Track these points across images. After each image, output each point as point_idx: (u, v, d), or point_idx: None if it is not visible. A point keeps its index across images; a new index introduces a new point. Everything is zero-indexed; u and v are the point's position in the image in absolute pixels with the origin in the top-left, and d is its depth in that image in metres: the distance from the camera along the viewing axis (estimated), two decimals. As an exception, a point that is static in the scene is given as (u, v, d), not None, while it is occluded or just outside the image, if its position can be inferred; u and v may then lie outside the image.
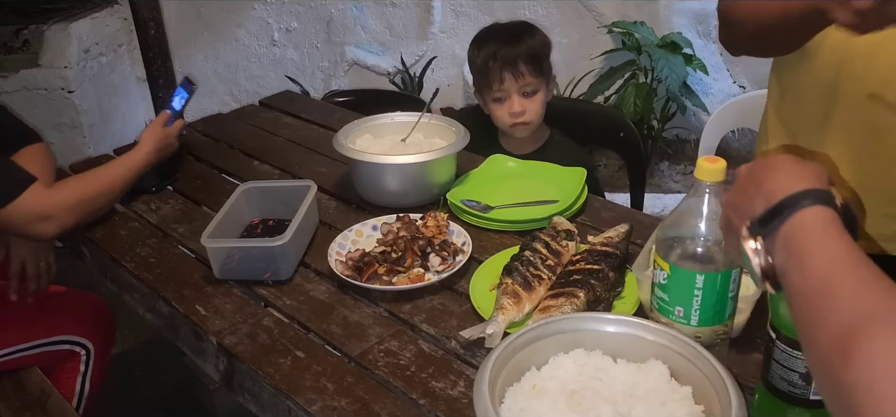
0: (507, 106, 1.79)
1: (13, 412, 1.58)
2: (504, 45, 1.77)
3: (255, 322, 1.24)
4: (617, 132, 2.07)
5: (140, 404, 2.44)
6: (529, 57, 1.76)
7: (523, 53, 1.76)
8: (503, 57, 1.75)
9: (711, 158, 0.93)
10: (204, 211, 1.64)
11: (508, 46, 1.76)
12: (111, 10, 3.84)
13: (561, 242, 1.31)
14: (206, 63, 4.29)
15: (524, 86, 1.77)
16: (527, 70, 1.75)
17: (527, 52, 1.76)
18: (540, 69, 1.78)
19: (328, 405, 1.05)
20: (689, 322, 0.97)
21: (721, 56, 3.75)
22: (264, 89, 3.90)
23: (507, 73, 1.75)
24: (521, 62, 1.75)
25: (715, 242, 0.94)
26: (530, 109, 1.79)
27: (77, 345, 1.72)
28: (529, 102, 1.79)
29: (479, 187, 1.60)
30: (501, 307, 1.15)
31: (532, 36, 1.81)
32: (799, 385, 0.87)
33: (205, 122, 2.18)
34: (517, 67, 1.75)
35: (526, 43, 1.78)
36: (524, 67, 1.75)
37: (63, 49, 3.46)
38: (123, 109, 3.98)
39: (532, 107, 1.79)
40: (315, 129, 2.08)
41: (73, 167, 1.89)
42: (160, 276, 1.40)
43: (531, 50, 1.77)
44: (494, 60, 1.76)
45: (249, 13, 4.15)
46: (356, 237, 1.43)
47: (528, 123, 1.81)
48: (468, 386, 1.05)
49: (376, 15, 4.06)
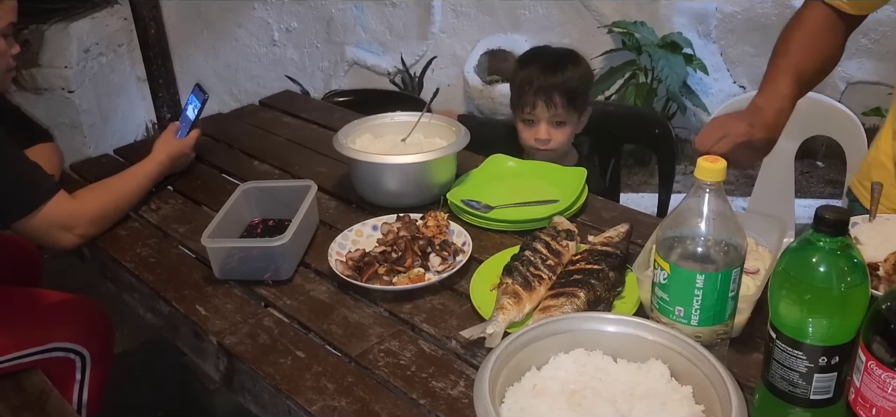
0: (535, 131, 1.81)
1: (13, 412, 1.57)
2: (544, 72, 1.78)
3: (255, 322, 1.24)
4: (652, 130, 2.09)
5: (140, 404, 2.43)
6: (566, 91, 1.77)
7: (560, 86, 1.77)
8: (540, 85, 1.77)
9: (711, 157, 0.93)
10: (204, 211, 1.64)
11: (548, 75, 1.78)
12: (111, 9, 3.83)
13: (561, 242, 1.31)
14: (206, 63, 4.29)
15: (554, 116, 1.78)
16: (560, 102, 1.77)
17: (564, 84, 1.77)
18: (573, 104, 1.79)
19: (328, 405, 1.05)
20: (690, 322, 0.97)
21: (721, 56, 3.75)
22: (264, 89, 3.90)
23: (540, 100, 1.77)
24: (556, 94, 1.76)
25: (715, 242, 0.94)
26: (556, 139, 1.81)
27: (72, 352, 1.68)
28: (557, 132, 1.80)
29: (479, 187, 1.59)
30: (501, 307, 1.15)
31: (575, 67, 1.81)
32: (799, 385, 0.87)
33: (205, 122, 2.17)
34: (552, 97, 1.77)
35: (566, 75, 1.79)
36: (558, 99, 1.77)
37: (63, 49, 3.46)
38: (123, 108, 3.98)
39: (559, 137, 1.81)
40: (315, 129, 2.08)
41: (73, 167, 1.89)
42: (160, 276, 1.40)
43: (569, 83, 1.78)
44: (530, 86, 1.78)
45: (249, 13, 4.15)
46: (356, 237, 1.43)
47: (553, 150, 1.82)
48: (468, 386, 1.05)
49: (376, 15, 4.06)
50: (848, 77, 3.55)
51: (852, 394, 0.85)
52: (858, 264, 0.83)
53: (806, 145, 2.05)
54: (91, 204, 1.50)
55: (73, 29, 3.51)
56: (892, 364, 0.79)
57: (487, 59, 3.90)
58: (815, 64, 1.32)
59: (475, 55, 3.88)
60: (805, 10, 1.36)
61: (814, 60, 1.32)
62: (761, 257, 1.18)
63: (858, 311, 0.83)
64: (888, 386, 0.79)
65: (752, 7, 3.59)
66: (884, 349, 0.79)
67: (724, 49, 3.74)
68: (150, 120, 4.12)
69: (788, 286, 0.85)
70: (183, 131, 1.75)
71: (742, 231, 0.96)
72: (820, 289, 0.83)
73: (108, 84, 3.82)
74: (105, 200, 1.53)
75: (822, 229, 0.83)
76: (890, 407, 0.80)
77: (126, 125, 3.98)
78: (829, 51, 1.34)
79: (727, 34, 3.71)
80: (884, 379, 0.80)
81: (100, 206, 1.51)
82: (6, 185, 1.40)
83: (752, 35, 3.62)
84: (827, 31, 1.33)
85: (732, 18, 3.67)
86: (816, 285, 0.83)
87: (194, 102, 1.78)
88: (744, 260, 0.96)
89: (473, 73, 3.82)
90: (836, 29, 1.34)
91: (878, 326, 0.80)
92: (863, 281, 0.83)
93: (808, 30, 1.33)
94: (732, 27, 3.68)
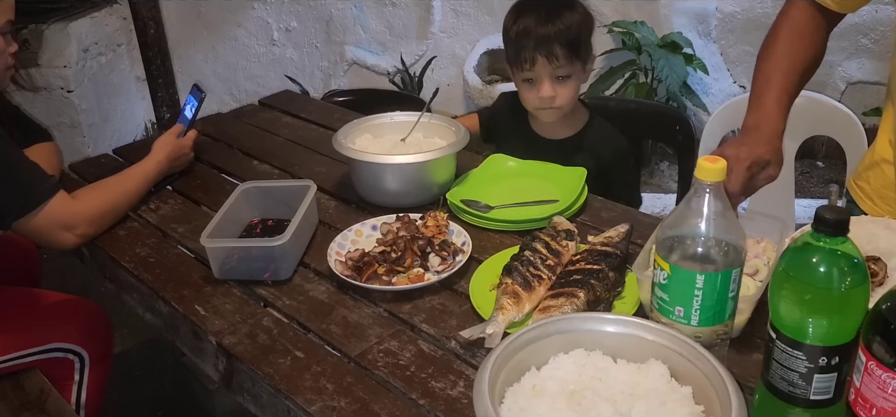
0: (537, 90, 1.66)
1: (12, 411, 1.57)
2: (541, 21, 1.62)
3: (254, 322, 1.24)
4: (673, 127, 2.02)
5: (139, 404, 2.43)
6: (567, 40, 1.61)
7: (560, 35, 1.60)
8: (537, 37, 1.61)
9: (712, 157, 0.93)
10: (203, 211, 1.64)
11: (545, 24, 1.61)
12: (110, 9, 3.84)
13: (561, 242, 1.31)
14: (205, 63, 4.29)
15: (557, 69, 1.63)
16: (562, 53, 1.61)
17: (564, 33, 1.61)
18: (577, 53, 1.64)
19: (328, 405, 1.04)
20: (689, 322, 0.97)
21: (721, 56, 3.75)
22: (264, 89, 3.91)
23: (540, 55, 1.62)
24: (556, 45, 1.60)
25: (715, 242, 0.94)
26: (562, 94, 1.66)
27: (70, 353, 1.68)
28: (562, 88, 1.65)
29: (479, 186, 1.59)
30: (501, 307, 1.15)
31: (573, 11, 1.65)
32: (799, 385, 0.87)
33: (204, 121, 2.18)
34: (552, 49, 1.60)
35: (565, 21, 1.62)
36: (559, 51, 1.61)
37: (62, 48, 3.46)
38: (123, 108, 3.98)
39: (564, 92, 1.66)
40: (315, 128, 2.08)
41: (72, 167, 1.88)
42: (159, 276, 1.40)
43: (569, 31, 1.62)
44: (527, 38, 1.62)
45: (249, 13, 4.15)
46: (356, 237, 1.43)
47: (559, 108, 1.69)
48: (468, 386, 1.05)
49: (376, 14, 4.06)
50: (848, 77, 3.55)
51: (852, 394, 0.85)
52: (858, 264, 0.83)
53: (806, 145, 2.04)
54: (91, 204, 1.50)
55: (72, 28, 3.51)
56: (892, 365, 0.78)
57: (487, 59, 3.90)
58: (803, 66, 1.32)
59: (475, 55, 3.88)
60: (789, 10, 1.35)
61: (800, 63, 1.32)
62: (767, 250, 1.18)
63: (858, 311, 0.83)
64: (888, 387, 0.79)
65: (752, 7, 3.59)
66: (884, 349, 0.79)
67: (724, 49, 3.74)
68: (149, 120, 4.12)
69: (788, 286, 0.85)
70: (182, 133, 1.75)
71: (742, 232, 0.95)
72: (820, 289, 0.83)
73: (107, 84, 3.82)
74: (104, 200, 1.53)
75: (822, 229, 0.83)
76: (890, 408, 0.80)
77: (125, 125, 3.98)
78: (814, 50, 1.34)
79: (727, 34, 3.70)
80: (884, 380, 0.79)
81: (99, 206, 1.51)
82: (6, 185, 1.40)
83: (752, 35, 3.61)
84: (812, 30, 1.33)
85: (732, 18, 3.67)
86: (816, 285, 0.83)
87: (192, 102, 1.78)
88: (744, 260, 0.96)
89: (473, 72, 3.81)
90: (820, 28, 1.34)
91: (878, 326, 0.80)
92: (863, 281, 0.83)
93: (793, 31, 1.33)
94: (732, 27, 3.68)
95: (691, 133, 2.03)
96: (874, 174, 1.42)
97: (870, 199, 1.43)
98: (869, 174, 1.43)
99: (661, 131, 2.10)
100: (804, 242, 0.85)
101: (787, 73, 1.29)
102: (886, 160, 1.39)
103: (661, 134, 2.13)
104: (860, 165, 1.49)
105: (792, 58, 1.31)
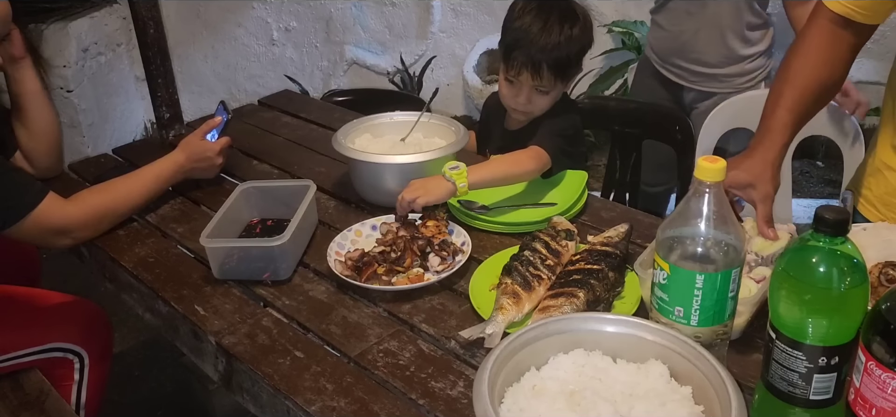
0: (515, 94, 1.65)
1: (11, 411, 1.57)
2: (537, 34, 1.59)
3: (254, 323, 1.23)
4: (672, 127, 2.06)
5: (139, 404, 2.43)
6: (556, 61, 1.59)
7: (551, 58, 1.59)
8: (528, 53, 1.59)
9: (711, 157, 0.93)
10: (203, 211, 1.64)
11: (541, 36, 1.58)
12: (110, 9, 3.83)
13: (560, 242, 1.31)
14: (205, 63, 4.29)
15: (540, 85, 1.63)
16: (548, 75, 1.60)
17: (555, 56, 1.59)
18: (563, 74, 1.63)
19: (327, 405, 1.04)
20: (689, 322, 0.97)
21: (720, 56, 3.74)
22: (263, 89, 3.91)
23: (526, 71, 1.60)
24: (545, 65, 1.59)
25: (715, 242, 0.94)
26: (538, 105, 1.66)
27: (70, 353, 1.66)
28: (539, 99, 1.65)
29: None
30: (501, 307, 1.15)
31: (573, 26, 1.61)
32: (799, 385, 0.87)
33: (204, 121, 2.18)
34: (540, 69, 1.59)
35: (561, 37, 1.59)
36: (546, 72, 1.60)
37: (62, 48, 3.46)
38: (122, 108, 3.98)
39: (540, 103, 1.66)
40: (314, 128, 2.08)
41: (71, 167, 1.88)
42: (159, 276, 1.40)
43: (560, 51, 1.59)
44: (519, 50, 1.60)
45: (249, 13, 4.15)
46: (355, 237, 1.43)
47: (529, 114, 1.69)
48: (468, 386, 1.05)
49: (376, 14, 4.06)
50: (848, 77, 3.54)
51: (852, 395, 0.85)
52: (858, 264, 0.83)
53: (805, 145, 2.04)
54: (85, 207, 1.48)
55: (71, 28, 3.50)
56: (891, 365, 0.78)
57: (487, 58, 3.90)
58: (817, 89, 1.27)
59: (474, 55, 3.88)
60: (809, 28, 1.29)
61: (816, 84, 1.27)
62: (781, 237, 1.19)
63: (858, 311, 0.83)
64: (888, 387, 0.79)
65: (752, 7, 3.58)
66: (884, 349, 0.79)
67: (723, 49, 3.73)
68: (148, 120, 4.12)
69: (788, 286, 0.85)
70: (212, 136, 1.72)
71: (742, 231, 0.95)
72: (820, 289, 0.83)
73: (106, 83, 3.82)
74: (101, 202, 1.51)
75: (822, 229, 0.83)
76: (890, 408, 0.80)
77: (125, 125, 3.98)
78: (831, 69, 1.28)
79: (726, 34, 3.70)
80: (884, 380, 0.79)
81: (95, 209, 1.49)
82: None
83: (752, 35, 3.61)
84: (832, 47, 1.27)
85: (732, 18, 3.67)
86: (816, 285, 0.83)
87: (223, 113, 1.75)
88: (743, 260, 0.96)
89: (473, 72, 3.82)
90: (843, 44, 1.27)
91: (878, 326, 0.80)
92: (863, 282, 0.83)
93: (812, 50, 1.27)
94: (732, 27, 3.68)
95: (690, 133, 2.04)
96: (876, 181, 1.40)
97: (873, 205, 1.41)
98: (870, 181, 1.42)
99: (661, 131, 2.12)
100: (804, 241, 0.85)
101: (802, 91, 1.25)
102: (888, 166, 1.38)
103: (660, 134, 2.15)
104: (860, 171, 1.47)
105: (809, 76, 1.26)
